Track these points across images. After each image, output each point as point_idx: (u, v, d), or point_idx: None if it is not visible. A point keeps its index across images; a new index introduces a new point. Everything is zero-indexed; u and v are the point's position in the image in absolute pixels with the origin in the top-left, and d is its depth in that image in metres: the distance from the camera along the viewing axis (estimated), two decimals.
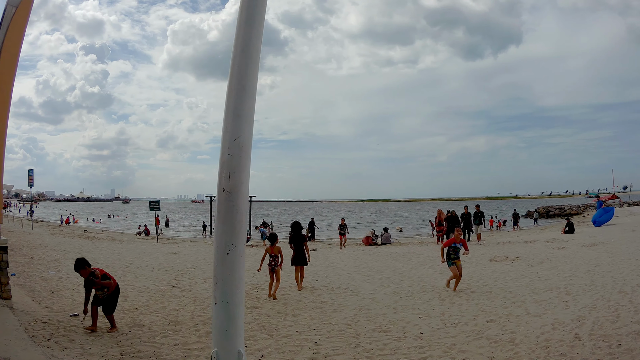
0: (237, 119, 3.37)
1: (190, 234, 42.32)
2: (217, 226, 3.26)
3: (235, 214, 3.31)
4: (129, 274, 13.23)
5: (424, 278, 12.75)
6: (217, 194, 3.30)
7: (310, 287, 11.62)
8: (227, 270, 3.24)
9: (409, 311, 8.93)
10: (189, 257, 18.76)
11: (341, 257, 18.59)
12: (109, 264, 15.08)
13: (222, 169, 3.31)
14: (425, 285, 11.58)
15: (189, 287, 11.46)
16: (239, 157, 3.35)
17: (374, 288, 11.40)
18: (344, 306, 9.49)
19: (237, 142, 3.34)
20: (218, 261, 3.24)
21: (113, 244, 24.26)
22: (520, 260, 15.35)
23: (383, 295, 10.55)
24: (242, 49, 3.44)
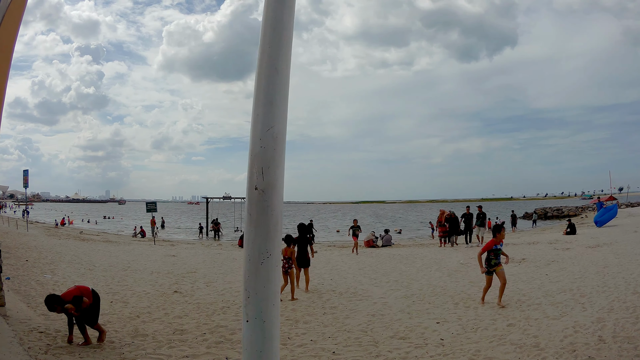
0: (270, 106, 2.89)
1: (186, 236, 41.69)
2: (249, 230, 2.78)
3: (270, 216, 2.83)
4: (127, 278, 12.69)
5: (433, 281, 12.30)
6: (247, 193, 2.82)
7: (318, 292, 11.16)
8: (261, 283, 2.75)
9: (424, 316, 8.56)
10: (187, 259, 18.21)
11: (344, 260, 18.11)
12: (106, 267, 14.58)
13: (252, 164, 2.83)
14: (435, 289, 11.15)
15: (191, 292, 10.95)
16: (273, 150, 2.87)
17: (383, 292, 10.97)
18: (355, 311, 9.06)
19: (271, 132, 2.86)
20: (250, 272, 2.75)
21: (109, 246, 23.65)
22: (527, 262, 15.03)
23: (394, 299, 10.12)
24: (272, 26, 2.94)
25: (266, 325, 2.75)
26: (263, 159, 2.83)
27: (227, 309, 9.16)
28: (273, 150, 2.89)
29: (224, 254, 21.24)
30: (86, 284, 11.69)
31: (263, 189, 2.82)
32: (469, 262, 15.93)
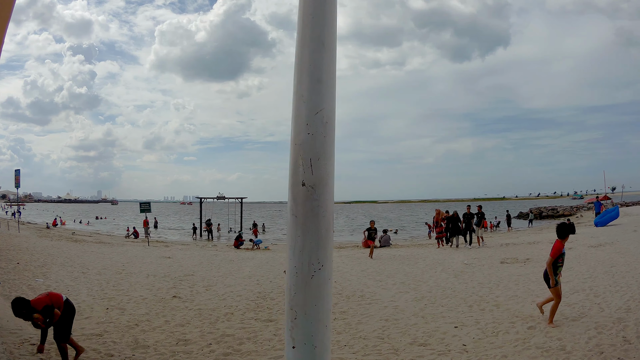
0: (318, 84, 2.35)
1: (180, 237, 40.98)
2: (294, 236, 2.25)
3: (322, 218, 2.29)
4: (122, 282, 12.06)
5: (440, 282, 11.82)
6: (290, 191, 2.28)
7: None
8: (312, 300, 2.22)
9: (440, 320, 8.10)
10: (183, 261, 17.58)
11: (344, 261, 17.54)
12: (99, 270, 13.93)
13: (297, 155, 2.28)
14: (445, 291, 10.68)
15: (190, 297, 10.38)
16: (324, 137, 2.33)
17: (392, 295, 10.47)
18: (367, 316, 8.55)
19: (320, 116, 2.32)
20: (298, 287, 2.22)
21: (103, 247, 22.92)
22: (532, 262, 14.61)
23: (405, 302, 9.62)
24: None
25: (317, 351, 2.23)
26: (311, 149, 2.28)
27: (231, 316, 8.61)
28: (323, 138, 2.34)
29: (220, 255, 20.61)
30: (79, 288, 11.15)
31: (312, 184, 2.28)
32: (473, 262, 15.50)
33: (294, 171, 2.27)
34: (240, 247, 25.97)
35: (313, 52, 2.35)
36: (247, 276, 13.59)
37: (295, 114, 2.34)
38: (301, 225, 2.22)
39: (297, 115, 2.33)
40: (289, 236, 2.29)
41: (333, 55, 2.41)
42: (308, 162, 2.24)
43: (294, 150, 2.28)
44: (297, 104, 2.34)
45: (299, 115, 2.31)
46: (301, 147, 2.26)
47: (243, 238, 27.46)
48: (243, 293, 10.85)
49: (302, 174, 2.24)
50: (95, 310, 8.70)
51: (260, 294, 10.77)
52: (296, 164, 2.26)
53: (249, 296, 10.50)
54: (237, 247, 25.86)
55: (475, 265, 14.92)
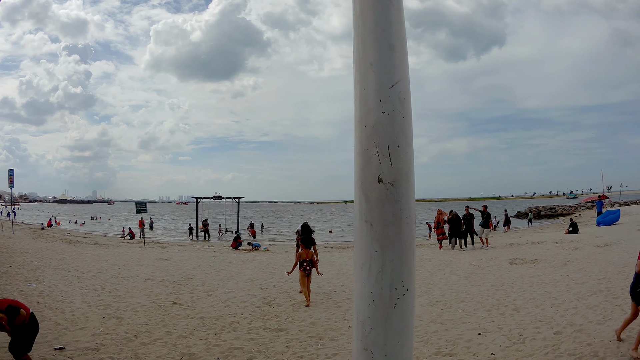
0: (390, 51, 1.72)
1: (176, 237, 40.28)
2: (369, 251, 1.62)
3: (405, 227, 1.65)
4: (119, 287, 11.38)
5: (452, 285, 11.27)
6: (360, 189, 1.66)
7: (333, 300, 10.05)
8: (394, 337, 1.60)
9: (462, 326, 7.57)
10: (181, 264, 16.90)
11: (347, 262, 16.91)
12: (95, 274, 13.24)
13: (368, 141, 1.64)
14: (459, 294, 10.15)
15: (191, 304, 9.72)
16: (402, 118, 1.70)
17: None
18: None
19: (396, 90, 1.69)
20: (376, 321, 1.59)
21: (98, 249, 22.19)
22: (542, 263, 14.13)
23: (420, 307, 8.98)
24: None
25: None
26: (388, 133, 1.63)
27: (237, 325, 7.96)
28: (402, 119, 1.70)
29: (219, 257, 19.94)
30: (74, 294, 10.44)
31: (392, 180, 1.64)
32: (480, 263, 14.95)
33: (364, 163, 1.64)
34: (238, 248, 25.30)
35: (380, 13, 1.72)
36: (249, 280, 12.95)
37: (362, 88, 1.71)
38: (379, 236, 1.60)
39: (364, 89, 1.70)
40: (359, 251, 1.67)
41: (402, 18, 1.78)
42: (385, 151, 1.62)
43: (364, 134, 1.65)
44: (364, 75, 1.71)
45: (368, 89, 1.68)
46: (375, 130, 1.63)
47: (241, 239, 26.80)
48: (247, 299, 10.21)
49: (378, 166, 1.62)
50: (91, 319, 8.02)
51: (265, 299, 10.15)
52: (368, 153, 1.63)
53: (253, 302, 9.87)
54: (235, 248, 25.19)
55: (484, 266, 14.36)
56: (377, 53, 1.70)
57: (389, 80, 1.67)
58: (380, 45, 1.70)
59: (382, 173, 1.61)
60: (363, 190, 1.64)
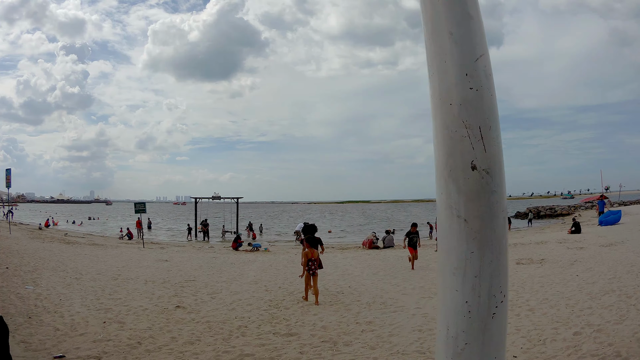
0: (470, 21, 1.40)
1: (174, 238, 39.92)
2: (463, 253, 1.30)
3: (502, 222, 1.35)
4: (119, 289, 10.99)
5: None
6: (450, 178, 1.33)
7: (342, 302, 9.70)
8: (491, 350, 1.34)
9: None
10: (182, 265, 16.54)
11: (350, 263, 16.61)
12: (94, 276, 12.87)
13: (457, 120, 1.31)
14: None
15: (195, 307, 9.32)
16: (490, 96, 1.38)
17: (415, 301, 9.57)
18: (397, 327, 7.62)
19: (482, 64, 1.37)
20: (472, 334, 1.36)
21: (96, 250, 21.81)
22: (549, 263, 13.92)
23: (433, 309, 8.67)
24: None
25: None
26: (477, 111, 1.31)
27: (245, 329, 7.57)
28: (490, 97, 1.39)
29: (220, 258, 19.59)
30: (73, 297, 10.07)
31: (487, 168, 1.33)
32: None
33: (452, 147, 1.31)
34: (238, 249, 24.96)
35: None
36: (252, 281, 12.58)
37: (442, 60, 1.38)
38: (476, 234, 1.30)
39: (444, 62, 1.37)
40: (450, 253, 1.35)
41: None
42: (477, 133, 1.29)
43: (450, 113, 1.32)
44: (442, 46, 1.38)
45: (450, 62, 1.35)
46: (463, 108, 1.30)
47: (242, 239, 26.45)
48: (253, 301, 9.83)
49: (470, 150, 1.29)
50: (91, 324, 7.63)
51: (271, 302, 9.78)
52: (456, 135, 1.30)
53: (259, 305, 9.49)
54: (235, 249, 24.85)
55: None
56: (456, 21, 1.38)
57: (471, 52, 1.37)
58: (458, 13, 1.37)
59: (476, 159, 1.29)
60: (453, 179, 1.31)
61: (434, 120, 1.38)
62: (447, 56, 1.38)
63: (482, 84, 1.34)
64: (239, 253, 22.97)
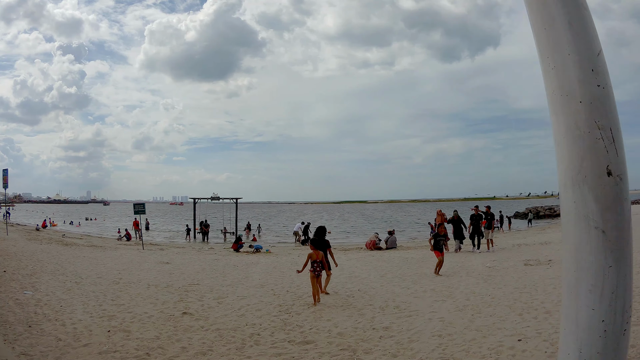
0: (584, 12, 1.18)
1: (173, 239, 39.65)
2: (601, 267, 1.08)
3: (631, 229, 1.15)
4: (122, 294, 10.67)
5: (473, 288, 10.73)
6: (586, 183, 1.10)
7: (354, 306, 9.36)
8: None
9: (499, 333, 6.95)
10: (184, 267, 16.22)
11: (355, 264, 16.27)
12: (94, 280, 12.56)
13: (587, 121, 1.08)
14: (484, 298, 9.57)
15: (203, 313, 8.95)
16: (613, 95, 1.18)
17: (429, 304, 9.24)
18: (415, 332, 7.30)
19: (602, 60, 1.16)
20: (609, 351, 1.18)
21: (95, 252, 21.49)
22: (557, 264, 13.65)
23: (448, 313, 8.42)
24: None
25: None
26: (607, 111, 1.07)
27: (258, 338, 7.19)
28: (613, 96, 1.20)
29: (222, 260, 19.26)
30: (74, 303, 9.78)
31: (621, 173, 1.10)
32: (494, 264, 14.47)
33: (585, 150, 1.10)
34: (239, 250, 24.68)
35: None
36: (259, 285, 12.22)
37: (564, 52, 1.14)
38: (613, 246, 1.12)
39: (567, 55, 1.13)
40: (585, 268, 1.18)
41: None
42: (609, 134, 1.06)
43: (580, 112, 1.12)
44: (560, 37, 1.14)
45: (573, 55, 1.11)
46: (594, 107, 1.08)
47: (243, 241, 26.18)
48: (262, 307, 9.46)
49: (605, 154, 1.06)
50: (95, 333, 7.28)
51: (281, 307, 9.41)
52: (589, 137, 1.08)
53: (269, 310, 9.12)
54: (236, 251, 24.57)
55: (499, 268, 13.85)
56: (573, 11, 1.14)
57: (593, 46, 1.13)
58: (572, 2, 1.15)
59: (610, 163, 1.07)
60: (589, 187, 1.08)
61: (556, 118, 1.16)
62: (569, 49, 1.15)
63: (607, 82, 1.15)
64: (240, 255, 22.67)
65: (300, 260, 18.36)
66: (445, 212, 22.59)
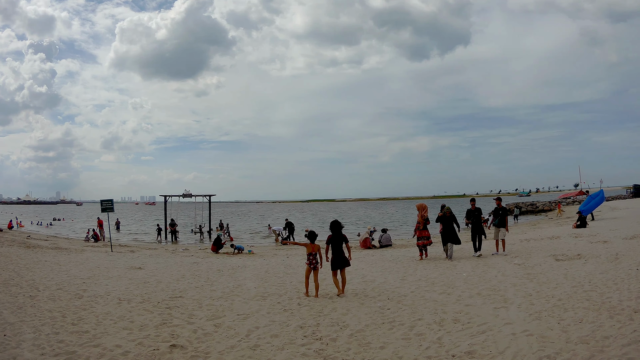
0: None
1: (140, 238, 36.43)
2: None
3: None
4: (85, 315, 7.87)
5: (524, 289, 8.85)
6: None
7: (403, 324, 6.81)
8: None
9: (614, 343, 5.28)
10: (160, 273, 13.36)
11: (362, 266, 13.67)
12: (53, 292, 9.86)
13: None
14: (548, 300, 7.85)
15: (199, 344, 6.25)
16: None
17: (492, 313, 7.27)
18: (511, 355, 5.20)
19: None
20: None
21: (59, 255, 18.34)
22: (589, 258, 11.94)
23: (527, 323, 6.50)
24: None
25: None
26: None
27: None
28: None
29: (202, 263, 16.42)
30: (22, 331, 6.77)
31: None
32: (522, 262, 12.34)
33: None
34: (219, 251, 21.93)
35: None
36: (259, 296, 9.55)
37: None
38: None
39: None
40: None
41: None
42: None
43: None
44: None
45: None
46: None
47: (223, 241, 23.39)
48: (277, 330, 6.80)
49: None
50: None
51: (304, 329, 6.80)
52: None
53: (291, 337, 6.46)
54: (215, 252, 21.80)
55: (529, 265, 11.80)
56: None
57: None
58: None
59: None
60: None
61: None
62: None
63: None
64: (220, 256, 19.93)
65: (293, 262, 15.83)
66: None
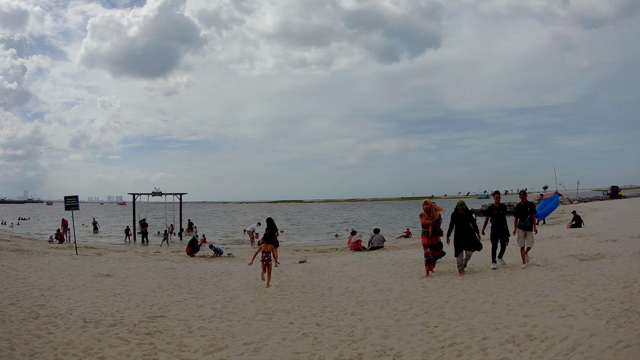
0: None
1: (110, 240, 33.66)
2: None
3: None
4: (40, 346, 5.83)
5: (570, 292, 7.26)
6: None
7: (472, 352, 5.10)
8: None
9: None
10: (132, 282, 11.18)
11: (366, 271, 11.80)
12: (5, 307, 7.84)
13: None
14: (611, 303, 6.21)
15: None
16: None
17: (558, 322, 5.74)
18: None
19: None
20: None
21: (19, 258, 15.81)
22: (611, 257, 10.70)
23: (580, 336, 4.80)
24: None
25: None
26: None
27: None
28: None
29: (179, 269, 14.23)
30: None
31: None
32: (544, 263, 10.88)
33: None
34: (194, 254, 19.70)
35: None
36: (263, 315, 7.48)
37: None
38: None
39: None
40: None
41: None
42: None
43: None
44: None
45: None
46: None
47: (199, 243, 21.17)
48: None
49: None
50: None
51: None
52: None
53: None
54: (190, 255, 19.57)
55: (556, 266, 10.28)
56: None
57: None
58: None
59: None
60: None
61: None
62: None
63: None
64: (197, 260, 17.75)
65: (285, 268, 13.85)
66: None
